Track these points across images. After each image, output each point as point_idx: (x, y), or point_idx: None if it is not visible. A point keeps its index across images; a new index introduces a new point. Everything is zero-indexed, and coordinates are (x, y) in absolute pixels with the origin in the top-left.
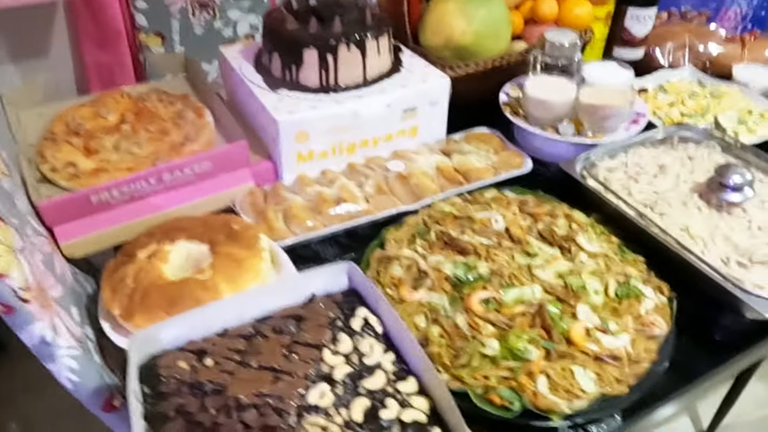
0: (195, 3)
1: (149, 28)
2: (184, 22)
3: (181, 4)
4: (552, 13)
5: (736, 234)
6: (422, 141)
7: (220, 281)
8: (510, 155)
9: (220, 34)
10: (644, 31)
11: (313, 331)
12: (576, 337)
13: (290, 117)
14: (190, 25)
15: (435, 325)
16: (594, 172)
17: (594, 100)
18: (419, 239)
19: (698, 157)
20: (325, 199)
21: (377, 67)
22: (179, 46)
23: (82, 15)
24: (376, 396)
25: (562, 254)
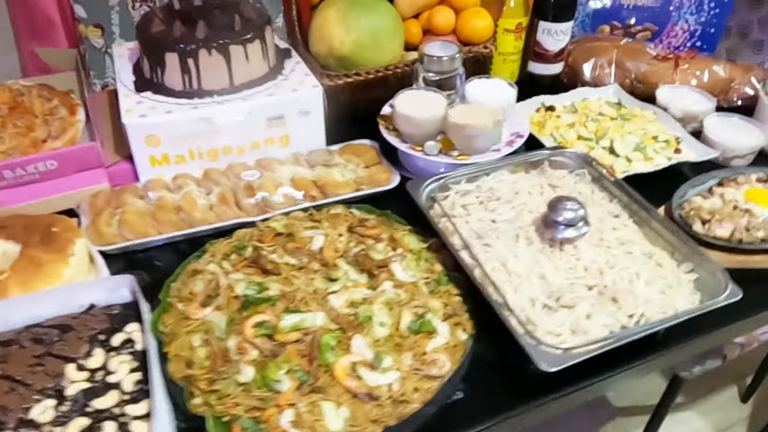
0: None
1: (88, 20)
2: (123, 14)
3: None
4: (447, 24)
5: (555, 273)
6: (295, 150)
7: (13, 284)
8: (379, 170)
9: None
10: (558, 46)
11: (72, 343)
12: (338, 370)
13: (138, 121)
14: (130, 17)
15: (204, 347)
16: (443, 194)
17: (458, 118)
18: (235, 254)
19: (563, 186)
20: (164, 205)
21: (246, 73)
22: (119, 38)
23: (17, 5)
24: (100, 416)
25: (369, 281)
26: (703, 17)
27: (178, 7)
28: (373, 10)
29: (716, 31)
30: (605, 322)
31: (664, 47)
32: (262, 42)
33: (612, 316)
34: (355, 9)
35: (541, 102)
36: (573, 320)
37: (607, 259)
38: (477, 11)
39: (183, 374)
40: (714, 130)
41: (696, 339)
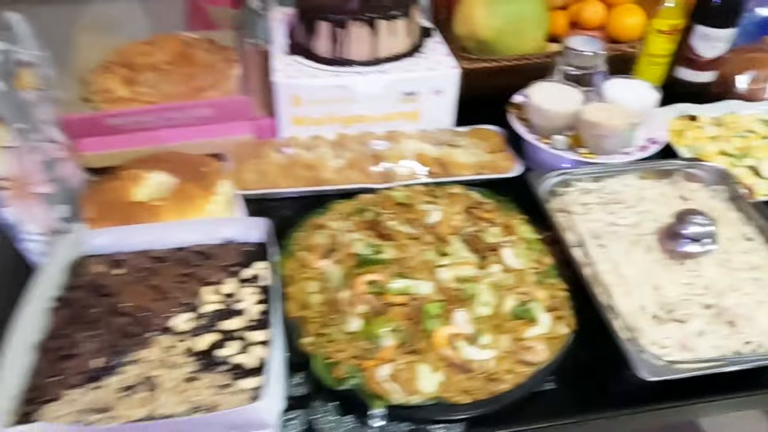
0: None
1: None
2: None
3: None
4: (596, 18)
5: (671, 286)
6: (423, 127)
7: (167, 211)
8: (502, 157)
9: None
10: (713, 54)
11: (210, 269)
12: (437, 338)
13: (287, 81)
14: None
15: (319, 294)
16: (564, 191)
17: (592, 116)
18: (355, 216)
19: (695, 199)
20: (298, 162)
21: (390, 47)
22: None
23: None
24: (226, 335)
25: (479, 260)
26: None
27: None
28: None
29: None
30: (717, 343)
31: None
32: (408, 19)
33: (726, 339)
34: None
35: (683, 110)
36: (682, 335)
37: (731, 281)
38: (630, 8)
39: (297, 314)
40: None
41: None
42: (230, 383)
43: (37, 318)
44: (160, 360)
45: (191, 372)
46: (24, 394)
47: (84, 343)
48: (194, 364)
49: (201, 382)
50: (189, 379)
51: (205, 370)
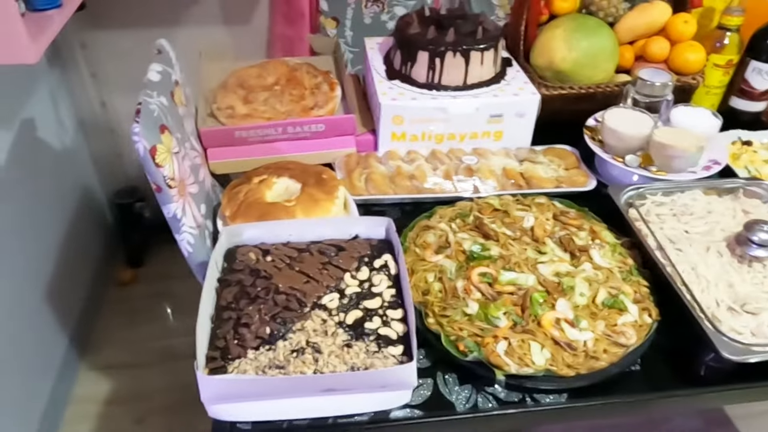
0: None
1: (328, 13)
2: (357, 12)
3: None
4: (661, 53)
5: (742, 284)
6: (505, 145)
7: (298, 210)
8: (578, 173)
9: (384, 25)
10: (766, 86)
11: (346, 259)
12: (544, 320)
13: (391, 102)
14: (362, 14)
15: (438, 282)
16: (640, 202)
17: (663, 139)
18: (459, 219)
19: (757, 213)
20: (400, 172)
21: (479, 74)
22: (349, 30)
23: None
24: (369, 312)
25: (571, 260)
26: None
27: (428, 14)
28: (595, 34)
29: None
30: None
31: None
32: (495, 50)
33: None
34: (580, 31)
35: (738, 136)
36: (756, 325)
37: None
38: (691, 45)
39: (420, 300)
40: None
41: None
42: (378, 350)
43: (211, 295)
44: (319, 330)
45: (345, 340)
46: (214, 352)
47: (254, 315)
48: (347, 334)
49: (355, 348)
50: (345, 345)
51: (356, 339)
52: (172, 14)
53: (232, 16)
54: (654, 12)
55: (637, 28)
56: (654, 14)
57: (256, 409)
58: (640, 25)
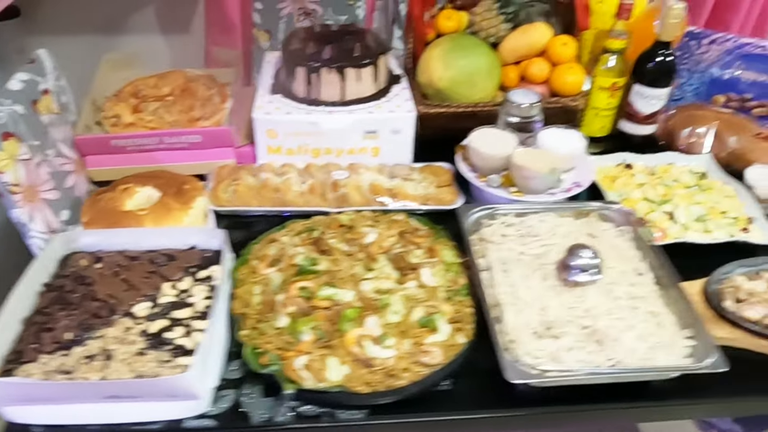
0: (301, 10)
1: (261, 25)
2: (289, 24)
3: (289, 10)
4: (541, 74)
5: (558, 308)
6: (384, 161)
7: (148, 219)
8: (448, 192)
9: None
10: (649, 110)
11: (173, 269)
12: (348, 337)
13: (264, 116)
14: (294, 27)
15: (261, 295)
16: (489, 222)
17: (520, 160)
18: (305, 233)
19: (602, 237)
20: (267, 185)
21: (357, 90)
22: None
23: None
24: (175, 322)
25: (400, 277)
26: None
27: (318, 30)
28: (471, 53)
29: None
30: (582, 358)
31: None
32: (374, 67)
33: (591, 355)
34: (457, 50)
35: (623, 159)
36: (554, 349)
37: (609, 307)
38: (570, 67)
39: (240, 311)
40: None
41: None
42: (171, 360)
43: (28, 298)
44: (119, 337)
45: (141, 348)
46: (8, 356)
47: (61, 320)
48: (145, 343)
49: (148, 357)
50: (139, 353)
51: (152, 348)
52: (111, 21)
53: (170, 25)
54: (535, 33)
55: (519, 49)
56: (535, 36)
57: (48, 413)
58: (521, 45)
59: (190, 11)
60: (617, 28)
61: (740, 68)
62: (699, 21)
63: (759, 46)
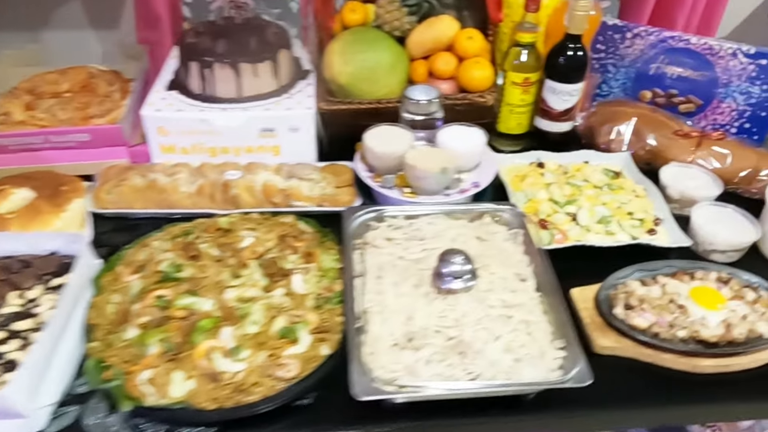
0: (232, 3)
1: (191, 19)
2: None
3: (220, 3)
4: (447, 69)
5: (426, 317)
6: (285, 160)
7: (14, 224)
8: (346, 192)
9: None
10: (563, 106)
11: (25, 276)
12: (197, 350)
13: (153, 113)
14: None
15: (117, 305)
16: (377, 225)
17: (412, 159)
18: (181, 237)
19: (490, 240)
20: (153, 186)
21: (256, 87)
22: None
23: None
24: (13, 334)
25: (269, 284)
26: (754, 99)
27: (220, 23)
28: (372, 47)
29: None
30: (439, 371)
31: (709, 123)
32: (273, 63)
33: (450, 368)
34: (357, 44)
35: (537, 157)
36: (412, 362)
37: (479, 316)
38: (477, 61)
39: (93, 321)
40: (698, 218)
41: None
42: None
43: None
44: None
45: None
46: None
47: None
48: None
49: None
50: None
51: None
52: (38, 17)
53: (99, 20)
54: (440, 27)
55: (426, 43)
56: (440, 29)
57: None
58: (427, 39)
59: (119, 3)
60: (527, 20)
61: (664, 63)
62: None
63: (682, 40)
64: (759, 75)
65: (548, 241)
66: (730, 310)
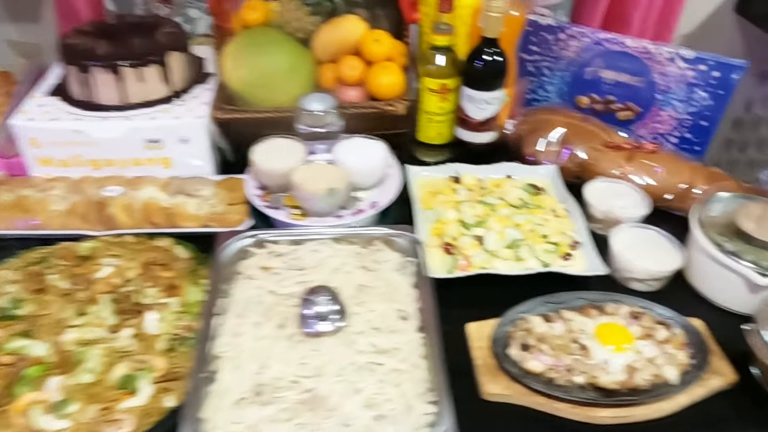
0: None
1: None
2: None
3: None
4: (354, 75)
5: (284, 365)
6: (178, 173)
7: None
8: (237, 210)
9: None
10: (482, 115)
11: None
12: (17, 403)
13: (24, 123)
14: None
15: None
16: (258, 252)
17: (297, 178)
18: (36, 265)
19: (378, 271)
20: (20, 204)
21: (141, 93)
22: None
23: None
24: None
25: (118, 323)
26: (694, 107)
27: (112, 21)
28: (266, 50)
29: (710, 125)
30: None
31: (649, 133)
32: (161, 66)
33: (298, 428)
34: (249, 47)
35: (456, 170)
36: (255, 421)
37: (343, 365)
38: (384, 66)
39: None
40: (617, 243)
41: None
42: None
43: None
44: None
45: None
46: None
47: None
48: None
49: None
50: None
51: None
52: None
53: (18, 12)
54: (346, 27)
55: (331, 46)
56: (345, 30)
57: None
58: (332, 42)
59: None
60: (442, 22)
61: (600, 67)
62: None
63: (617, 42)
64: (698, 82)
65: (450, 268)
66: (637, 352)
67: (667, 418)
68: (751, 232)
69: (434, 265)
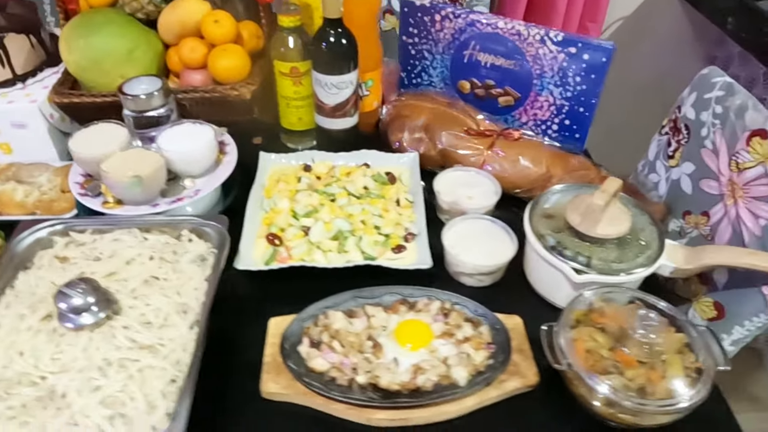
0: None
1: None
2: None
3: None
4: (194, 58)
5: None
6: (22, 159)
7: None
8: (67, 199)
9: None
10: (333, 100)
11: None
12: None
13: None
14: None
15: None
16: (58, 241)
17: (106, 165)
18: None
19: (173, 262)
20: None
21: None
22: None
23: None
24: None
25: None
26: (569, 92)
27: None
28: (98, 32)
29: (587, 111)
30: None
31: (530, 119)
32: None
33: (22, 427)
34: (80, 29)
35: (312, 158)
36: None
37: (95, 360)
38: (225, 49)
39: None
40: (449, 236)
41: None
42: None
43: None
44: None
45: None
46: None
47: None
48: None
49: None
50: None
51: None
52: None
53: None
54: (186, 8)
55: (173, 27)
56: (185, 11)
57: None
58: (173, 23)
59: None
60: (290, 2)
61: (476, 50)
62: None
63: (489, 24)
64: (570, 65)
65: (268, 260)
66: (431, 351)
67: (451, 420)
68: (576, 225)
69: (254, 257)
